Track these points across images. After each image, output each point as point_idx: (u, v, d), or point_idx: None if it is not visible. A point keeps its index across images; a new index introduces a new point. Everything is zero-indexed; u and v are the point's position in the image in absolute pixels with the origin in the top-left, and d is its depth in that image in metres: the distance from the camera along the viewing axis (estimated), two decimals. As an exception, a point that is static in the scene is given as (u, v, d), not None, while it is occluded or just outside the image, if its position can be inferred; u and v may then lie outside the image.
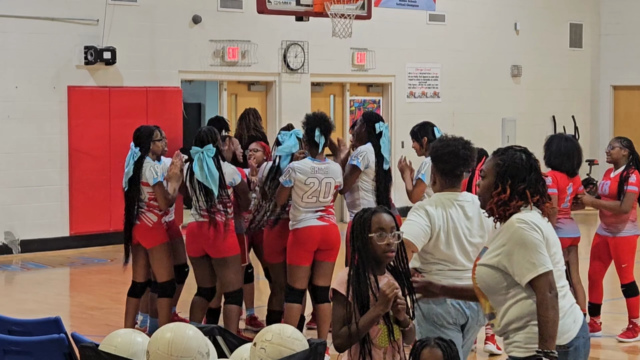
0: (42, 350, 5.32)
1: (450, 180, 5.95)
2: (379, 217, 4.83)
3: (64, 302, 11.79)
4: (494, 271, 4.72)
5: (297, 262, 8.38)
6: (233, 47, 16.70)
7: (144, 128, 9.05)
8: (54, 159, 14.98)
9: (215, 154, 8.44)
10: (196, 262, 8.67)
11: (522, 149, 4.89)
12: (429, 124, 8.96)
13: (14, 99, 14.65)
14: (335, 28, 13.59)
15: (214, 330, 5.07)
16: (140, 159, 8.82)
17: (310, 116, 8.53)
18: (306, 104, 17.56)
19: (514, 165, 4.78)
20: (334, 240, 8.42)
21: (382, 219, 4.83)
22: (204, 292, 8.70)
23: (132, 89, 15.63)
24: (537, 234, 4.65)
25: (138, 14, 15.72)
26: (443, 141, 6.09)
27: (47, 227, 14.80)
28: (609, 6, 22.35)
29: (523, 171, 4.77)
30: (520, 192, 4.75)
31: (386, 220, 4.83)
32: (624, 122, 22.41)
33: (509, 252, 4.67)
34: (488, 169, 4.86)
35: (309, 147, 8.45)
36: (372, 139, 8.74)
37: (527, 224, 4.67)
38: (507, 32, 20.85)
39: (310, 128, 8.41)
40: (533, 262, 4.61)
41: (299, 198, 8.32)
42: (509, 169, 4.78)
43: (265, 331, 4.68)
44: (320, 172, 8.34)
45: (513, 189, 4.75)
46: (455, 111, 19.80)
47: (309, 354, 4.63)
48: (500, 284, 4.71)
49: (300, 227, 8.33)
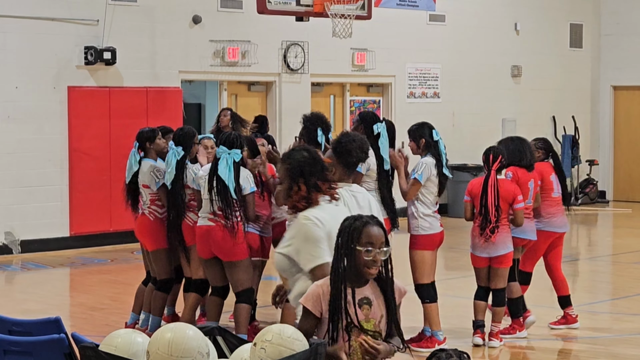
0: (42, 350, 5.32)
1: (350, 172, 6.44)
2: (369, 230, 4.66)
3: (64, 302, 11.79)
4: (286, 258, 5.48)
5: None
6: (233, 47, 16.70)
7: (187, 128, 9.10)
8: (54, 159, 14.98)
9: (240, 160, 8.46)
10: (206, 263, 8.70)
11: (303, 147, 5.74)
12: (428, 124, 8.97)
13: (14, 99, 14.65)
14: (335, 28, 13.60)
15: (214, 330, 5.07)
16: (183, 159, 8.87)
17: (310, 116, 8.55)
18: (306, 104, 17.56)
19: (300, 163, 5.50)
20: None
21: (372, 233, 4.65)
22: (217, 291, 8.73)
23: (132, 89, 15.63)
24: (319, 229, 5.35)
25: (138, 14, 15.72)
26: (350, 136, 6.56)
27: (47, 227, 14.80)
28: (609, 6, 22.35)
29: (309, 166, 5.50)
30: (313, 184, 5.45)
31: (377, 235, 4.65)
32: (624, 122, 22.42)
33: (296, 244, 5.42)
34: (281, 176, 5.60)
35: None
36: (370, 141, 8.74)
37: (311, 220, 5.37)
38: (507, 32, 20.85)
39: (312, 128, 8.43)
40: (313, 254, 5.35)
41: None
42: (297, 168, 5.49)
43: (265, 331, 4.68)
44: None
45: (307, 184, 5.45)
46: (456, 111, 19.81)
47: (309, 354, 4.63)
48: (291, 268, 5.49)
49: None
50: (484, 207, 8.71)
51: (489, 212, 8.69)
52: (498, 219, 8.69)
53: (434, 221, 8.76)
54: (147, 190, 9.00)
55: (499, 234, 8.72)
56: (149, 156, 9.16)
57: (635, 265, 13.91)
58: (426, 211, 8.73)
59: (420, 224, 8.72)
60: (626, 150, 22.39)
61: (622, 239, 17.30)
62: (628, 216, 20.06)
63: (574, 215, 20.43)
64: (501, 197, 8.72)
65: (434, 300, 8.79)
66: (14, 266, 13.93)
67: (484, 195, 8.72)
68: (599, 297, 11.68)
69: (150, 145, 9.17)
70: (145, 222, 9.10)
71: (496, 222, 8.69)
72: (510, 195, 8.76)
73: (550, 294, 12.04)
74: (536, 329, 9.59)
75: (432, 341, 8.80)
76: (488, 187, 8.70)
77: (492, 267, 8.85)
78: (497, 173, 8.80)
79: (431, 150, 8.79)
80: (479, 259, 8.87)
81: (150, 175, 8.95)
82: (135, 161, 9.12)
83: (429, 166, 8.70)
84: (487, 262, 8.85)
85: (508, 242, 8.81)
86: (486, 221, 8.70)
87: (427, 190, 8.74)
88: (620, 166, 22.48)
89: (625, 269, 13.77)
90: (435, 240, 8.78)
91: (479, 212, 8.76)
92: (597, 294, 12.00)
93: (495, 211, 8.68)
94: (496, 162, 8.78)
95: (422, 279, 8.76)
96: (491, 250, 8.78)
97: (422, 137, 8.81)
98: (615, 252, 15.75)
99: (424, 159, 8.77)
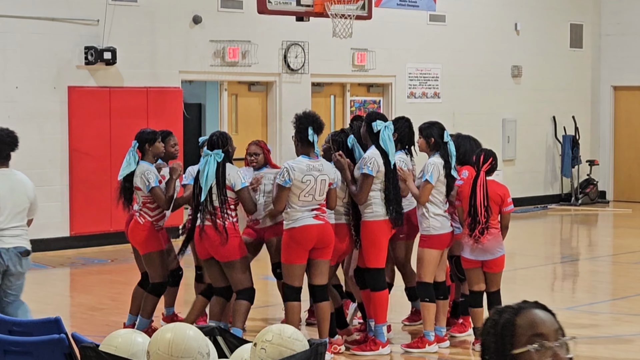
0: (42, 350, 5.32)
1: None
2: (531, 317, 2.94)
3: (64, 302, 11.79)
4: None
5: (294, 261, 8.41)
6: (233, 48, 16.70)
7: (219, 133, 9.05)
8: (54, 159, 14.98)
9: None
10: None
11: None
12: (439, 124, 8.96)
13: (15, 99, 14.65)
14: (335, 28, 13.59)
15: (214, 330, 5.08)
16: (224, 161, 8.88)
17: (301, 116, 8.55)
18: (306, 104, 17.56)
19: None
20: (329, 238, 8.47)
21: (537, 320, 2.94)
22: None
23: (133, 89, 15.63)
24: None
25: (138, 14, 15.72)
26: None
27: (47, 227, 14.79)
28: (609, 6, 22.34)
29: None
30: None
31: (545, 321, 2.94)
32: (624, 122, 22.41)
33: None
34: None
35: (302, 145, 8.48)
36: (372, 139, 8.75)
37: None
38: (507, 32, 20.85)
39: (303, 127, 8.44)
40: None
41: (296, 197, 8.34)
42: None
43: (265, 331, 4.68)
44: (315, 169, 8.38)
45: None
46: (456, 111, 19.80)
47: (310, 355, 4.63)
48: None
49: (297, 226, 8.35)
50: (473, 208, 8.66)
51: (477, 212, 8.64)
52: (487, 219, 8.63)
53: (445, 221, 8.75)
54: (140, 193, 9.01)
55: (489, 235, 8.64)
56: (145, 158, 9.14)
57: (636, 266, 13.91)
58: (437, 210, 8.72)
59: (431, 223, 8.70)
60: (626, 151, 22.38)
61: (622, 239, 17.30)
62: (628, 216, 20.06)
63: (574, 215, 20.44)
64: (490, 199, 8.67)
65: (433, 301, 8.79)
66: (14, 266, 13.93)
67: (472, 195, 8.68)
68: (599, 298, 11.68)
69: (149, 147, 9.15)
70: (137, 225, 9.08)
71: (485, 222, 8.62)
72: (499, 197, 8.73)
73: (550, 293, 12.05)
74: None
75: (423, 341, 8.81)
76: (477, 187, 8.66)
77: (485, 272, 8.80)
78: (487, 174, 8.76)
79: (440, 150, 8.80)
80: (469, 262, 8.80)
81: (140, 178, 8.96)
82: (133, 160, 9.09)
83: (438, 166, 8.71)
84: (478, 263, 8.78)
85: (498, 246, 8.73)
86: (475, 222, 8.64)
87: (437, 190, 8.74)
88: (620, 166, 22.47)
89: (625, 269, 13.77)
90: (446, 239, 8.77)
91: (468, 213, 8.70)
92: (597, 294, 12.00)
93: (485, 212, 8.63)
94: (486, 164, 8.74)
95: (426, 277, 8.76)
96: (481, 254, 8.71)
97: (431, 137, 8.82)
98: (615, 253, 15.75)
99: (432, 159, 8.77)
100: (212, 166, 8.48)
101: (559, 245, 17.03)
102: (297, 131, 8.47)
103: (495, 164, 8.81)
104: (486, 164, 8.73)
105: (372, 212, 8.62)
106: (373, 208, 8.62)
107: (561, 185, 22.07)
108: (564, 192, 22.00)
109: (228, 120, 17.02)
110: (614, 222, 19.92)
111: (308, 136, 8.41)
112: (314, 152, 8.48)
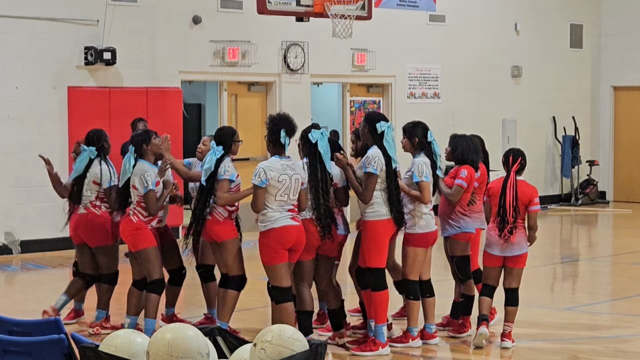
0: (42, 350, 5.32)
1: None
2: None
3: (64, 303, 11.76)
4: None
5: (278, 261, 8.37)
6: (233, 48, 16.70)
7: (227, 128, 9.12)
8: (54, 159, 14.89)
9: (96, 155, 9.56)
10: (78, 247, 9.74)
11: None
12: (422, 124, 9.03)
13: (14, 99, 14.65)
14: (335, 28, 13.59)
15: (214, 330, 5.07)
16: (222, 157, 8.89)
17: (274, 117, 8.56)
18: (306, 104, 17.57)
19: None
20: (303, 241, 8.48)
21: None
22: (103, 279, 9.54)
23: (132, 89, 15.63)
24: None
25: (138, 14, 15.73)
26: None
27: (47, 227, 14.78)
28: (609, 7, 22.35)
29: None
30: None
31: None
32: (624, 122, 22.42)
33: None
34: None
35: (274, 147, 8.49)
36: (376, 139, 8.75)
37: None
38: (507, 32, 20.86)
39: (275, 129, 8.45)
40: None
41: (272, 197, 8.32)
42: None
43: (265, 332, 4.68)
44: (289, 168, 8.39)
45: None
46: (456, 112, 19.81)
47: (309, 355, 4.63)
48: None
49: (277, 226, 8.30)
50: (502, 208, 8.77)
51: (506, 212, 8.74)
52: (515, 219, 8.75)
53: (430, 219, 8.83)
54: (135, 192, 9.01)
55: (517, 234, 8.77)
56: (145, 158, 9.14)
57: (636, 266, 13.90)
58: (424, 210, 8.80)
59: (417, 222, 8.77)
60: (626, 151, 22.39)
61: (622, 240, 17.30)
62: (628, 217, 20.06)
63: (574, 215, 20.44)
64: (519, 199, 8.77)
65: (418, 298, 8.86)
66: (13, 266, 13.93)
67: (502, 195, 8.78)
68: (599, 298, 11.67)
69: (147, 147, 9.15)
70: (129, 223, 9.05)
71: (514, 222, 8.74)
72: (527, 197, 8.80)
73: (550, 294, 12.05)
74: (535, 328, 9.59)
75: (407, 336, 8.85)
76: (507, 187, 8.77)
77: (507, 267, 8.89)
78: (517, 174, 8.85)
79: (424, 150, 8.87)
80: (492, 258, 8.88)
81: (139, 178, 8.97)
82: (130, 166, 9.08)
83: (427, 165, 8.79)
84: (500, 261, 8.87)
85: (523, 243, 8.85)
86: (504, 222, 8.75)
87: None
88: (620, 166, 22.48)
89: (625, 269, 13.77)
90: (430, 238, 8.85)
91: (497, 213, 8.81)
92: (597, 294, 11.99)
93: (513, 212, 8.74)
94: (516, 164, 8.85)
95: (411, 275, 8.84)
96: (507, 250, 8.82)
97: (415, 136, 8.88)
98: (615, 253, 15.75)
99: (419, 158, 8.82)
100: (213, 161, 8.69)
101: (559, 245, 17.02)
102: (269, 133, 8.49)
103: (524, 163, 8.94)
104: (516, 163, 8.84)
105: (374, 211, 8.62)
106: (375, 207, 8.62)
107: (561, 185, 22.08)
108: (564, 192, 22.01)
109: (228, 121, 17.01)
110: (613, 222, 19.92)
111: (280, 138, 8.43)
112: (284, 153, 8.50)
